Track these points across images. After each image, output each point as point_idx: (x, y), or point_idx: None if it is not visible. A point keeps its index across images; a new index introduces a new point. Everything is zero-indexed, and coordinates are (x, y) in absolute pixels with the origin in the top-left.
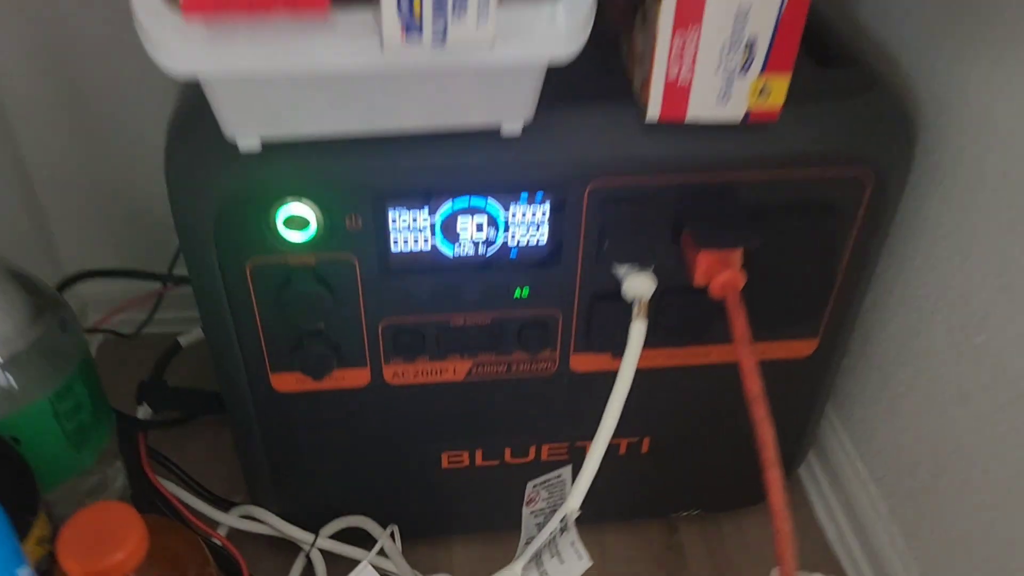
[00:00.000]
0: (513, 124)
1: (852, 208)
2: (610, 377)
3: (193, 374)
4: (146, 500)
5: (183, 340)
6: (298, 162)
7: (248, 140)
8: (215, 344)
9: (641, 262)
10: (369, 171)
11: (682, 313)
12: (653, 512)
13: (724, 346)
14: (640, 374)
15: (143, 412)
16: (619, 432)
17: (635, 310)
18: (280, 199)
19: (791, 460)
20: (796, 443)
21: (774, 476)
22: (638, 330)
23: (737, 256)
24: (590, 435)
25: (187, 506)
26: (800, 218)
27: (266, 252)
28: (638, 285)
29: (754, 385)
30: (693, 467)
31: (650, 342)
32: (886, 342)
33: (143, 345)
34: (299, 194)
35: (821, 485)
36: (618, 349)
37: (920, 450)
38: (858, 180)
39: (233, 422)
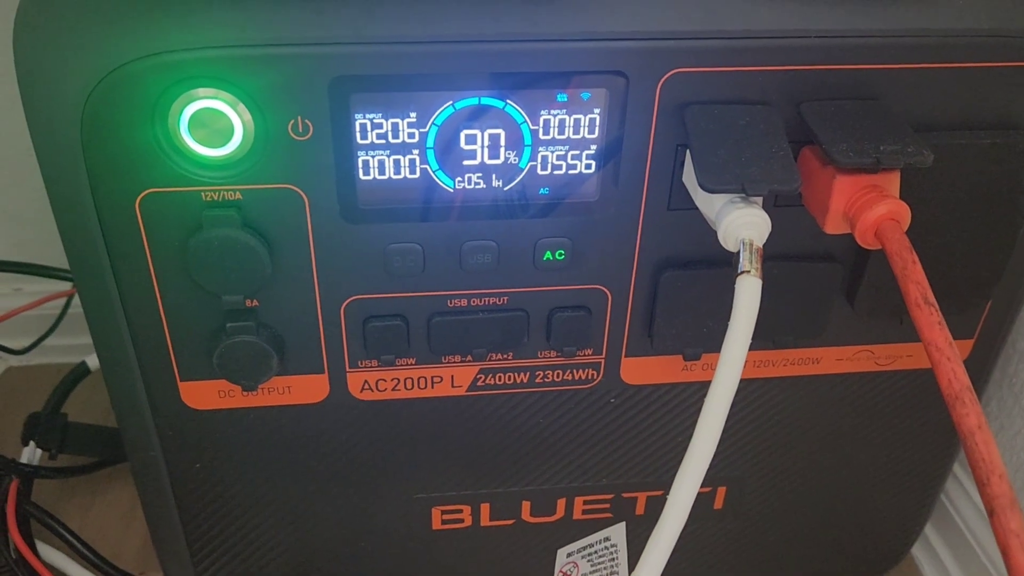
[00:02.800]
0: None
1: None
2: (678, 395)
3: (105, 407)
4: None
5: (93, 362)
6: (208, 17)
7: None
8: (96, 336)
9: (749, 187)
10: (325, 39)
11: (786, 292)
12: None
13: (840, 349)
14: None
15: (29, 454)
16: None
17: (744, 260)
18: (182, 86)
19: (909, 531)
20: (924, 500)
21: (1015, 524)
22: (749, 292)
23: (894, 182)
24: (646, 481)
25: None
26: (975, 139)
27: (164, 180)
28: (747, 222)
29: (954, 371)
30: (782, 531)
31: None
32: None
33: (40, 366)
34: (212, 78)
35: (943, 560)
36: (696, 347)
37: None
38: None
39: (130, 459)
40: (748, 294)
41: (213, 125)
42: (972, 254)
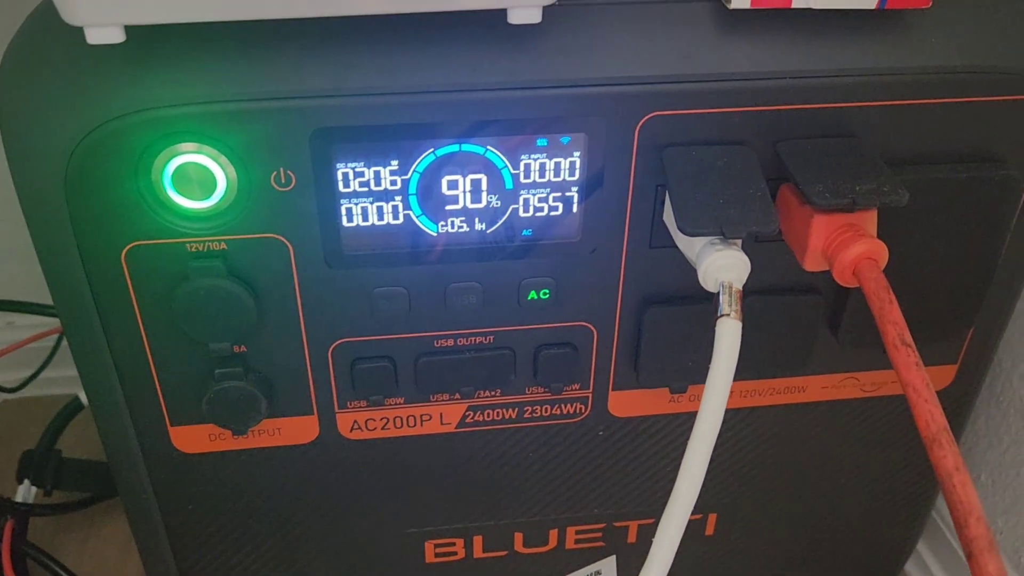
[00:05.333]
0: (528, 5)
1: None
2: (665, 426)
3: (99, 442)
4: None
5: (85, 396)
6: (189, 74)
7: (101, 24)
8: (85, 382)
9: (728, 229)
10: (304, 92)
11: (770, 325)
12: None
13: (825, 377)
14: None
15: (24, 492)
16: None
17: (723, 303)
18: (165, 141)
19: (901, 549)
20: (914, 519)
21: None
22: (730, 334)
23: (871, 220)
24: (637, 510)
25: None
26: (952, 173)
27: (149, 232)
28: (726, 264)
29: (931, 412)
30: (774, 554)
31: None
32: None
33: (35, 398)
34: (194, 133)
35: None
36: (682, 381)
37: None
38: None
39: (124, 502)
40: (728, 337)
41: (196, 178)
42: (952, 284)
